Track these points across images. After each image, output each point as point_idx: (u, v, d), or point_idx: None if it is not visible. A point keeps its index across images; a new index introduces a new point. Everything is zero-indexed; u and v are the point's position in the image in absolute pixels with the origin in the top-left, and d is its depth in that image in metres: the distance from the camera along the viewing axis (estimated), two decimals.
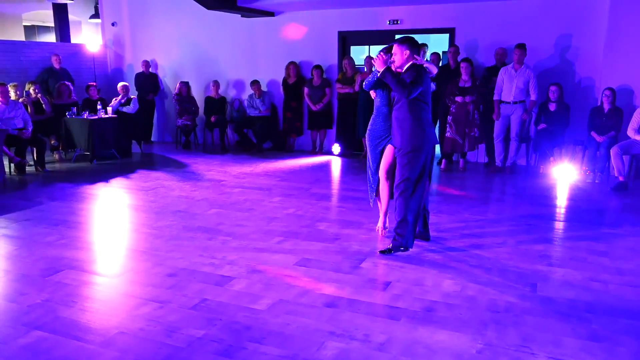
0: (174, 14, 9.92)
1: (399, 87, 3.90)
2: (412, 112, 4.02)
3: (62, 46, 9.99)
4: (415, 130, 4.01)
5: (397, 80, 3.90)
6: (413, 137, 4.01)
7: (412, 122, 4.01)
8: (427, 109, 4.09)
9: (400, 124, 4.07)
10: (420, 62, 4.05)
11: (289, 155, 8.83)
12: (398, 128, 4.09)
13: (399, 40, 4.07)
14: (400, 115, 4.07)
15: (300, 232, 4.71)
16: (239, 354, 2.72)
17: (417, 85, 3.92)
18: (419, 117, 4.02)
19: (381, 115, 4.37)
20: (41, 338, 2.88)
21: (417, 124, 4.01)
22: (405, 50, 4.01)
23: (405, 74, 4.01)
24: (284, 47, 9.23)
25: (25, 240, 4.56)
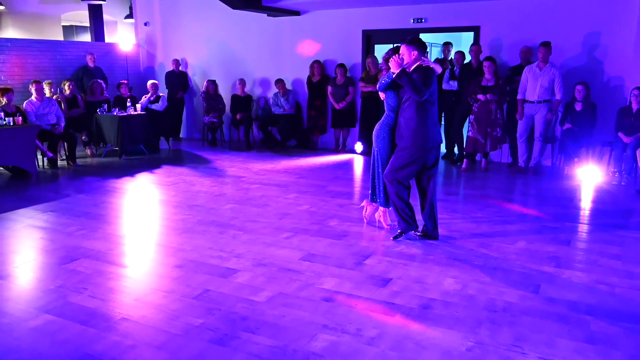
0: (203, 14, 10.13)
1: (414, 89, 3.98)
2: (420, 112, 4.12)
3: (97, 45, 10.35)
4: (421, 128, 4.10)
5: (412, 82, 3.98)
6: (418, 135, 4.13)
7: (418, 121, 4.10)
8: (433, 109, 4.17)
9: (407, 122, 4.15)
10: (427, 63, 4.09)
11: (312, 153, 8.90)
12: (405, 126, 4.16)
13: (407, 41, 4.12)
14: (408, 114, 4.15)
15: (310, 228, 4.78)
16: (232, 343, 2.80)
17: (429, 86, 4.01)
18: (425, 117, 4.12)
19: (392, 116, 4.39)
20: (49, 321, 3.04)
21: (423, 123, 4.11)
22: (413, 51, 4.09)
23: (413, 74, 4.05)
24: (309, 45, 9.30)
25: (48, 230, 4.78)
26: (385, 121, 4.42)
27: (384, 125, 4.42)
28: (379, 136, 4.45)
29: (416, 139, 4.13)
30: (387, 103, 4.39)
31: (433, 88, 4.09)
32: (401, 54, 4.12)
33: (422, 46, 4.12)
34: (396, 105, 4.32)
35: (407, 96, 4.14)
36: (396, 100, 4.32)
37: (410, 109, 4.12)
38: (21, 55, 8.79)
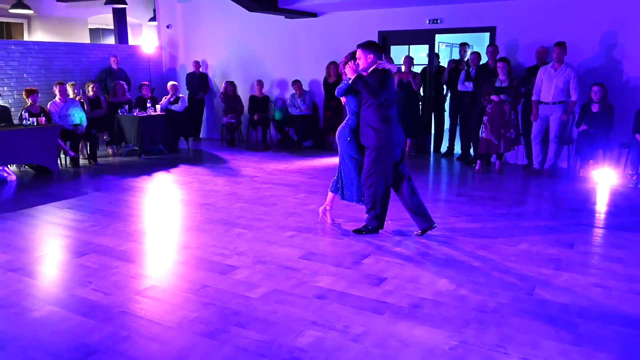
0: (223, 16, 10.32)
1: (371, 92, 4.14)
2: (380, 113, 4.28)
3: (120, 48, 10.64)
4: (384, 129, 4.28)
5: (368, 86, 4.14)
6: (381, 135, 4.28)
7: (380, 122, 4.27)
8: (393, 108, 4.33)
9: (370, 124, 4.31)
10: (383, 65, 4.24)
11: (328, 154, 8.97)
12: (367, 127, 4.33)
13: (363, 45, 4.29)
14: (369, 116, 4.32)
15: (314, 227, 4.85)
16: (221, 336, 2.89)
17: (385, 89, 4.18)
18: (386, 117, 4.29)
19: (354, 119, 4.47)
20: (52, 312, 3.20)
21: (385, 123, 4.28)
22: (369, 54, 4.26)
23: (370, 77, 4.20)
24: (326, 47, 9.38)
25: (63, 226, 4.97)
26: (347, 124, 4.50)
27: (345, 128, 4.51)
28: (344, 140, 4.52)
29: (380, 139, 4.28)
30: (349, 107, 4.48)
31: (391, 89, 4.27)
32: (358, 58, 4.28)
33: (378, 49, 4.30)
34: (357, 108, 4.43)
35: (366, 99, 4.26)
36: (357, 103, 4.42)
37: (371, 110, 4.26)
38: (47, 57, 9.11)
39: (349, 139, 4.49)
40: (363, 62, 4.26)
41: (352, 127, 4.48)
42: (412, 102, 8.29)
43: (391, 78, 4.27)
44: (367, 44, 4.29)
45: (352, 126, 4.48)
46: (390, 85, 4.24)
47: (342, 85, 4.36)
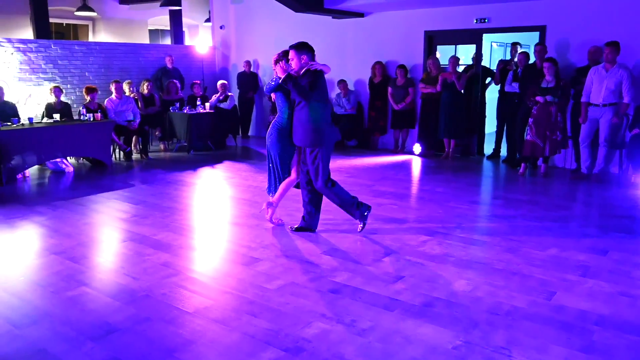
0: (273, 17, 10.54)
1: (301, 93, 4.20)
2: (313, 113, 4.32)
3: (176, 48, 11.10)
4: (318, 129, 4.33)
5: (298, 87, 4.19)
6: (314, 135, 4.33)
7: (313, 123, 4.31)
8: (325, 108, 4.40)
9: (303, 124, 4.35)
10: (315, 66, 4.27)
11: (371, 153, 8.99)
12: (300, 127, 4.37)
13: (296, 47, 4.32)
14: (303, 116, 4.34)
15: (342, 224, 4.91)
16: (233, 323, 3.03)
17: (315, 89, 4.23)
18: (318, 118, 4.32)
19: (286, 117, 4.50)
20: (84, 293, 3.45)
21: (317, 123, 4.32)
22: (302, 55, 4.30)
23: (302, 78, 4.26)
24: (372, 47, 9.40)
25: (106, 215, 5.30)
26: (276, 121, 4.56)
27: (274, 126, 4.55)
28: (273, 139, 4.55)
29: (316, 139, 4.35)
30: (277, 104, 4.55)
31: (323, 89, 4.32)
32: (290, 59, 4.31)
33: (310, 50, 4.35)
34: (285, 106, 4.47)
35: (299, 99, 4.30)
36: (285, 102, 4.46)
37: (305, 111, 4.30)
38: (107, 57, 9.65)
39: (276, 138, 4.53)
40: (296, 62, 4.31)
41: (280, 125, 4.51)
42: (455, 103, 8.17)
43: (323, 79, 4.35)
44: (301, 45, 4.33)
45: (280, 124, 4.51)
46: (322, 86, 4.32)
47: (273, 83, 4.38)
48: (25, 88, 8.55)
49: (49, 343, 2.82)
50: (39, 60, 8.70)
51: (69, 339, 2.87)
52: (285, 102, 4.47)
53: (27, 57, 8.55)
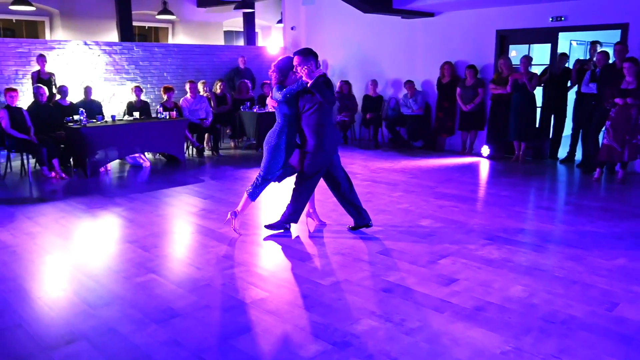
0: (343, 18, 10.65)
1: (329, 95, 4.26)
2: (326, 117, 4.41)
3: (248, 49, 11.48)
4: (329, 132, 4.42)
5: (326, 91, 4.24)
6: (327, 139, 4.41)
7: (326, 126, 4.40)
8: (331, 113, 4.52)
9: (316, 128, 4.38)
10: (321, 72, 4.28)
11: (437, 155, 8.88)
12: (313, 133, 4.39)
13: (304, 53, 4.32)
14: (315, 121, 4.37)
15: (400, 225, 4.93)
16: (285, 315, 3.16)
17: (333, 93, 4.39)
18: (330, 121, 4.44)
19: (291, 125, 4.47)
20: (152, 279, 3.71)
21: (329, 127, 4.43)
22: (312, 61, 4.30)
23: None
24: (442, 47, 9.28)
25: (177, 208, 5.63)
26: (277, 129, 4.47)
27: (278, 134, 4.46)
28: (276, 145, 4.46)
29: (328, 143, 4.41)
30: (282, 112, 4.43)
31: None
32: (297, 64, 4.27)
33: (316, 56, 4.37)
34: (292, 114, 4.41)
35: (310, 104, 4.32)
36: (293, 109, 4.40)
37: (316, 116, 4.34)
38: (184, 58, 10.15)
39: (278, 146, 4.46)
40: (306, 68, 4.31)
41: (284, 132, 4.44)
42: (526, 104, 7.90)
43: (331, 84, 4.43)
44: (309, 52, 4.35)
45: (284, 132, 4.44)
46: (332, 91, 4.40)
47: (294, 88, 4.28)
48: (110, 87, 9.19)
49: (118, 323, 3.08)
50: (122, 62, 9.32)
51: (135, 320, 3.11)
52: (294, 110, 4.43)
53: (112, 58, 9.19)
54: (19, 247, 4.39)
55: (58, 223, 5.08)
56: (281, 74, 4.40)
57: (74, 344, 2.84)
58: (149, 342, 2.87)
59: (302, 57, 4.30)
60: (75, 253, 4.31)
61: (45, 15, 10.81)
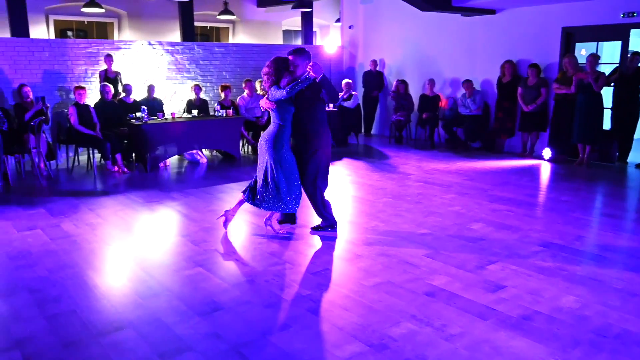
0: (401, 16, 10.52)
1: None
2: (323, 114, 4.49)
3: (305, 48, 11.55)
4: (326, 129, 4.52)
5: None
6: (324, 136, 4.48)
7: (323, 123, 4.49)
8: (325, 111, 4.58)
9: (315, 126, 4.42)
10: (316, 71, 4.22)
11: (495, 157, 8.61)
12: (312, 130, 4.41)
13: (299, 52, 4.35)
14: (313, 118, 4.39)
15: (450, 228, 4.82)
16: (325, 314, 3.17)
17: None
18: (323, 119, 4.50)
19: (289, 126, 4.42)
20: (199, 272, 3.82)
21: (326, 124, 4.52)
22: (307, 60, 4.34)
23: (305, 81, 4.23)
24: (503, 45, 8.98)
25: (229, 204, 5.71)
26: (281, 130, 4.38)
27: (280, 134, 4.38)
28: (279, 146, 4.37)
29: (325, 139, 4.48)
30: (282, 112, 4.34)
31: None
32: (295, 65, 4.30)
33: (310, 57, 4.41)
34: (290, 113, 4.37)
35: (308, 103, 4.33)
36: (292, 109, 4.36)
37: (314, 113, 4.39)
38: (243, 57, 10.37)
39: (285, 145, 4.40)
40: (302, 69, 4.33)
41: (282, 133, 4.38)
42: (592, 105, 7.50)
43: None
44: (303, 51, 4.38)
45: (282, 132, 4.38)
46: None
47: (298, 86, 4.17)
48: (171, 86, 9.52)
49: (164, 313, 3.19)
50: (184, 61, 9.63)
51: (180, 312, 3.21)
52: (292, 109, 4.37)
53: (174, 57, 9.52)
54: (80, 237, 4.64)
55: (117, 215, 5.33)
56: (276, 75, 4.35)
57: (121, 332, 2.97)
58: (191, 333, 2.95)
59: (299, 57, 4.35)
60: (130, 245, 4.50)
61: (114, 16, 11.35)
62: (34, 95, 7.51)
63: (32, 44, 8.20)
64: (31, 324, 3.06)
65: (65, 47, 8.47)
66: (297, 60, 4.33)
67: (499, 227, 4.84)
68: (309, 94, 4.34)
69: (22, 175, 7.19)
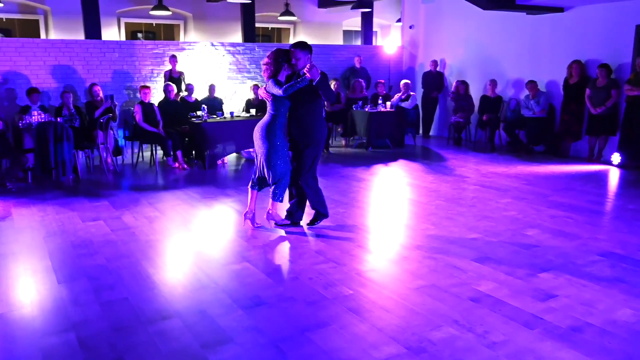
0: (463, 15, 10.29)
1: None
2: (319, 110, 4.64)
3: (364, 48, 11.54)
4: (322, 123, 4.69)
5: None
6: (320, 130, 4.65)
7: (320, 119, 4.65)
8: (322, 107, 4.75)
9: (311, 121, 4.57)
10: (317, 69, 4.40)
11: (559, 161, 8.25)
12: (309, 125, 4.56)
13: (301, 46, 4.45)
14: (310, 113, 4.56)
15: (503, 234, 4.67)
16: (365, 314, 3.16)
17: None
18: (321, 114, 4.69)
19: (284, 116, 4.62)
20: (245, 267, 3.91)
21: (322, 119, 4.70)
22: (308, 55, 4.46)
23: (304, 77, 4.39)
24: (571, 44, 8.59)
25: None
26: (269, 121, 4.57)
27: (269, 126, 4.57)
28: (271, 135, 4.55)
29: (321, 133, 4.65)
30: (275, 104, 4.51)
31: None
32: (297, 59, 4.40)
33: (311, 50, 4.50)
34: (285, 106, 4.53)
35: (307, 98, 4.46)
36: (289, 102, 4.52)
37: (312, 108, 4.54)
38: None
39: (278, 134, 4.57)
40: (303, 62, 4.43)
41: (277, 125, 4.55)
42: None
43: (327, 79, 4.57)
44: (305, 45, 4.48)
45: (277, 124, 4.55)
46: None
47: (298, 84, 4.31)
48: (232, 85, 9.79)
49: (209, 305, 3.30)
50: (244, 61, 9.88)
51: (225, 304, 3.31)
52: (286, 100, 4.50)
53: (235, 58, 9.78)
54: (138, 229, 4.87)
55: (174, 210, 5.55)
56: (275, 67, 4.47)
57: (168, 321, 3.10)
58: (233, 326, 3.04)
59: (301, 52, 4.44)
60: (184, 238, 4.68)
61: (180, 19, 11.81)
62: (104, 94, 7.95)
63: (103, 45, 8.68)
64: (87, 309, 3.25)
65: (133, 48, 8.91)
66: (298, 53, 4.46)
67: (556, 234, 4.64)
68: (308, 89, 4.45)
69: (90, 169, 7.63)
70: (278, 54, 4.47)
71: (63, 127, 6.57)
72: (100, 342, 2.86)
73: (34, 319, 3.15)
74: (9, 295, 3.47)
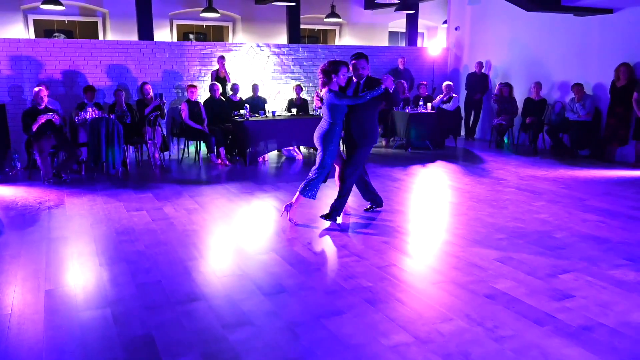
0: (509, 17, 10.17)
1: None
2: (376, 114, 5.05)
3: (408, 50, 11.58)
4: (376, 128, 5.07)
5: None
6: (375, 131, 5.04)
7: (376, 121, 5.07)
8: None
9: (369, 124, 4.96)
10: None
11: (603, 166, 8.04)
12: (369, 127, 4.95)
13: (364, 57, 4.94)
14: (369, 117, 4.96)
15: (530, 235, 4.68)
16: (379, 304, 3.30)
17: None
18: (376, 116, 5.06)
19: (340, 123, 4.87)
20: (272, 257, 4.12)
21: (376, 122, 5.05)
22: (367, 64, 4.94)
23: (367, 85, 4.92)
24: (619, 46, 8.35)
25: (316, 200, 6.02)
26: (327, 129, 4.80)
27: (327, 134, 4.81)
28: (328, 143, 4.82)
29: (377, 135, 5.10)
30: (332, 112, 4.74)
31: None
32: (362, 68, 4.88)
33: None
34: (342, 113, 4.80)
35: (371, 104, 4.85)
36: (345, 109, 4.80)
37: (370, 113, 4.94)
38: (346, 59, 10.57)
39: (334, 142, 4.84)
40: (367, 70, 4.96)
41: (336, 130, 4.81)
42: None
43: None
44: (362, 55, 4.95)
45: (336, 130, 4.81)
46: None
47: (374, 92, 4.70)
48: (276, 86, 10.07)
49: (234, 290, 3.52)
50: (288, 62, 10.14)
51: (248, 290, 3.53)
52: (344, 108, 4.80)
53: (279, 59, 10.06)
54: (177, 219, 5.18)
55: (212, 203, 5.84)
56: (326, 77, 4.73)
57: (195, 303, 3.34)
58: (254, 310, 3.24)
59: (365, 61, 4.92)
60: (218, 229, 4.94)
61: (229, 20, 12.22)
62: (154, 92, 8.39)
63: (155, 46, 9.14)
64: (123, 289, 3.55)
65: (183, 49, 9.34)
66: (362, 63, 4.91)
67: (585, 238, 4.60)
68: (364, 94, 4.76)
69: (139, 163, 8.07)
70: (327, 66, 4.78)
71: (114, 124, 7.00)
72: (132, 319, 3.13)
73: (76, 295, 3.46)
74: (57, 274, 3.82)
